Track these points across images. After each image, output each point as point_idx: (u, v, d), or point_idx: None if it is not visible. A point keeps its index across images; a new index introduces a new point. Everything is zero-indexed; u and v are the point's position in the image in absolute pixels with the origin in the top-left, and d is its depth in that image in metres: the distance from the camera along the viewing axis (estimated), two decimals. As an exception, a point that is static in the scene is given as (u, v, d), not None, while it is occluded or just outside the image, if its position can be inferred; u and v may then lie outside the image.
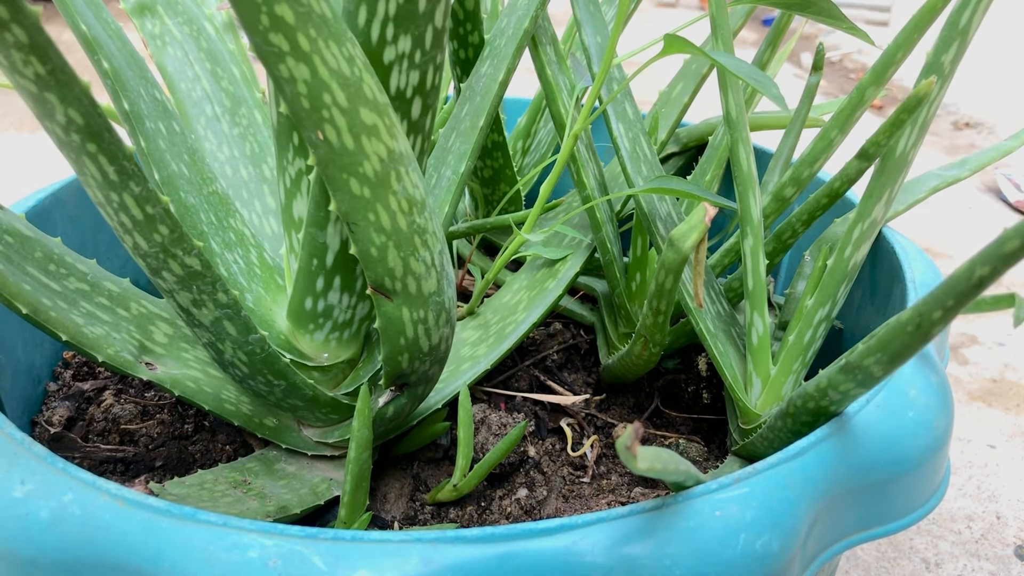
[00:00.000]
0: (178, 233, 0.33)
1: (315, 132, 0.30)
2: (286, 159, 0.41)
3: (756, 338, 0.49)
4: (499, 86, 0.51)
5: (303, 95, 0.29)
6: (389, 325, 0.37)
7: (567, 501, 0.49)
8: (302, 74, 0.28)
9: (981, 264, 0.28)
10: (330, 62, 0.29)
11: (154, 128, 0.45)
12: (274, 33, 0.27)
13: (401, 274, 0.35)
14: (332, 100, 0.29)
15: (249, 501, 0.42)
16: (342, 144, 0.30)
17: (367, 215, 0.32)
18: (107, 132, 0.29)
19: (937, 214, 1.36)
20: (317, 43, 0.28)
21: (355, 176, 0.31)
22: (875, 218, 0.45)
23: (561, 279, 0.56)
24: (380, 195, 0.32)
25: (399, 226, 0.33)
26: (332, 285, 0.41)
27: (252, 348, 0.39)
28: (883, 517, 0.40)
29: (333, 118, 0.30)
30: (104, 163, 0.30)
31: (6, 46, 0.26)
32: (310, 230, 0.39)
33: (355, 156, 0.31)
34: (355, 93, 0.30)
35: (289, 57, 0.28)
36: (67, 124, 0.28)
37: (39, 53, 0.26)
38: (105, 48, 0.43)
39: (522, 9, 0.52)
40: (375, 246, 0.33)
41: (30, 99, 0.28)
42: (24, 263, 0.39)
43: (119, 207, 0.31)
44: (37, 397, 0.56)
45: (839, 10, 0.49)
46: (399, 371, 0.40)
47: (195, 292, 0.35)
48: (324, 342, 0.45)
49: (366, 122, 0.31)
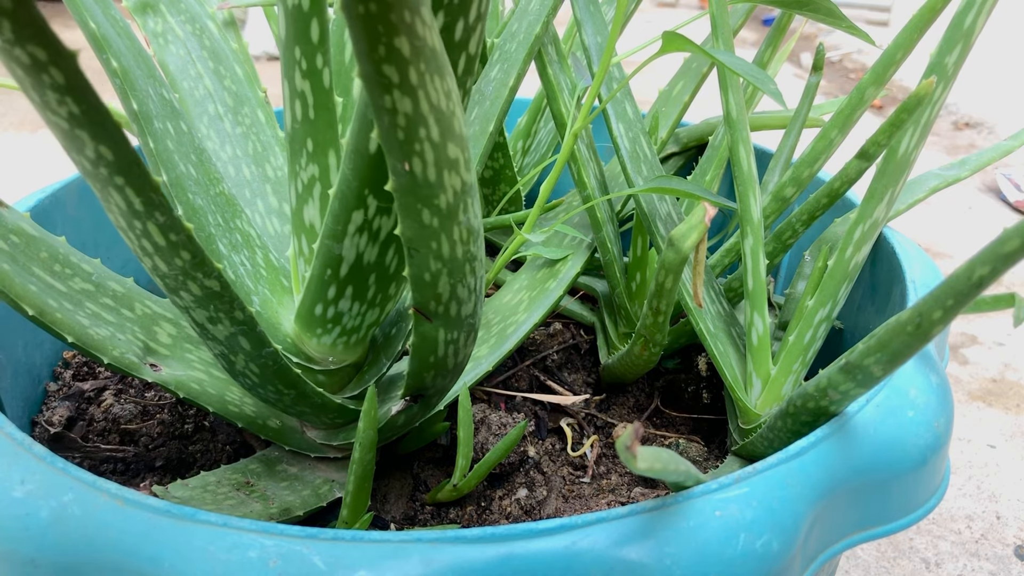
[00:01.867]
0: (200, 258, 0.33)
1: (402, 163, 0.29)
2: (299, 164, 0.41)
3: (756, 338, 0.49)
4: (509, 91, 0.51)
5: (400, 127, 0.28)
6: (423, 344, 0.37)
7: (567, 501, 0.49)
8: (404, 107, 0.28)
9: (981, 264, 0.28)
10: (432, 97, 0.28)
11: (162, 128, 0.45)
12: (388, 65, 0.26)
13: (447, 299, 0.35)
14: (426, 135, 0.29)
15: (252, 503, 0.42)
16: (425, 177, 0.30)
17: (430, 243, 0.32)
18: (136, 166, 0.29)
19: (937, 214, 1.36)
20: (424, 77, 0.28)
21: (429, 207, 0.31)
22: (876, 219, 0.45)
23: (562, 279, 0.56)
24: (447, 226, 0.32)
25: (456, 255, 0.34)
26: (344, 294, 0.42)
27: (265, 361, 0.39)
28: (883, 517, 0.40)
29: (423, 152, 0.29)
30: (131, 195, 0.30)
31: (42, 87, 0.26)
32: (326, 242, 0.39)
33: (434, 189, 0.31)
34: (447, 128, 0.30)
35: (396, 90, 0.27)
36: (96, 159, 0.28)
37: (75, 95, 0.26)
38: (114, 46, 0.43)
39: (533, 14, 0.52)
40: (430, 272, 0.34)
41: (60, 134, 0.28)
42: (30, 263, 0.39)
43: (142, 233, 0.32)
44: (37, 397, 0.56)
45: (839, 10, 0.49)
46: (422, 385, 0.40)
47: (212, 311, 0.35)
48: (331, 346, 0.45)
49: (451, 156, 0.30)
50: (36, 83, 0.26)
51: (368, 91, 0.27)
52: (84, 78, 0.26)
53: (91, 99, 0.26)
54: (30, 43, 0.24)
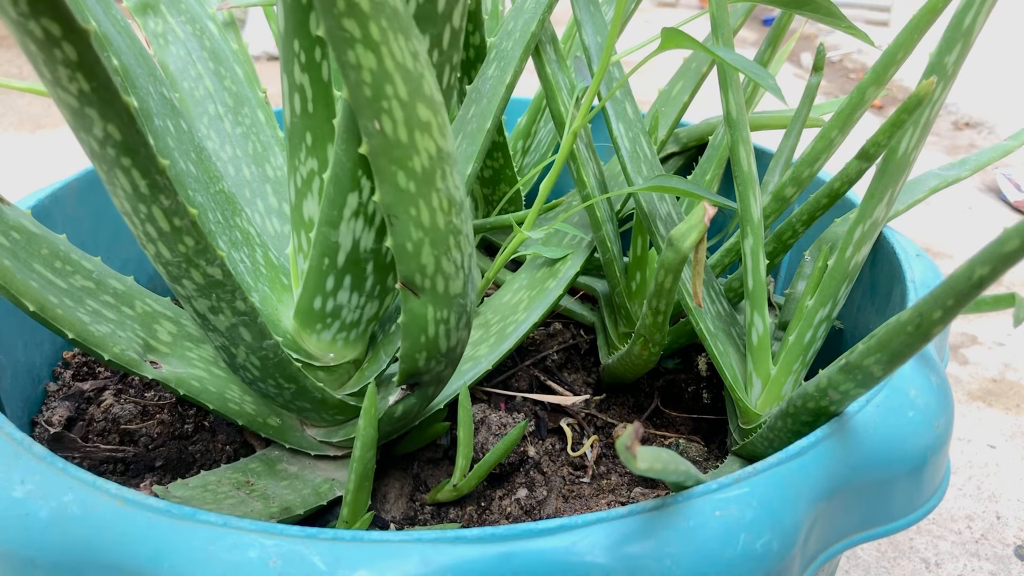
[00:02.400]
0: (203, 244, 0.33)
1: (372, 121, 0.30)
2: (298, 159, 0.41)
3: (756, 338, 0.49)
4: (506, 89, 0.51)
5: (367, 83, 0.29)
6: (412, 321, 0.37)
7: (567, 501, 0.49)
8: (369, 62, 0.29)
9: (981, 264, 0.28)
10: (396, 54, 0.29)
11: (162, 126, 0.45)
12: (348, 19, 0.28)
13: (432, 272, 0.35)
14: (393, 92, 0.30)
15: (253, 503, 0.42)
16: (396, 136, 0.31)
17: (409, 209, 0.33)
18: (143, 148, 0.29)
19: (937, 214, 1.36)
20: (387, 34, 0.29)
21: (404, 169, 0.32)
22: (876, 219, 0.45)
23: (561, 279, 0.56)
24: (424, 191, 0.33)
25: (437, 224, 0.34)
26: (342, 284, 0.42)
27: (265, 353, 0.39)
28: (883, 517, 0.40)
29: (392, 110, 0.30)
30: (137, 177, 0.30)
31: (54, 62, 0.26)
32: (323, 229, 0.39)
33: (407, 150, 0.31)
34: (415, 88, 0.30)
35: (359, 44, 0.28)
36: (104, 138, 0.28)
37: (86, 70, 0.26)
38: (114, 44, 0.44)
39: (529, 12, 0.52)
40: (412, 241, 0.34)
41: (68, 112, 0.28)
42: (31, 260, 0.39)
43: (146, 218, 0.32)
44: (37, 397, 0.56)
45: (839, 10, 0.49)
46: (415, 369, 0.40)
47: (214, 300, 0.35)
48: (331, 342, 0.45)
49: (422, 117, 0.31)
50: (48, 58, 0.26)
51: (333, 48, 0.28)
52: (96, 54, 0.26)
53: (101, 76, 0.27)
54: (44, 17, 0.25)
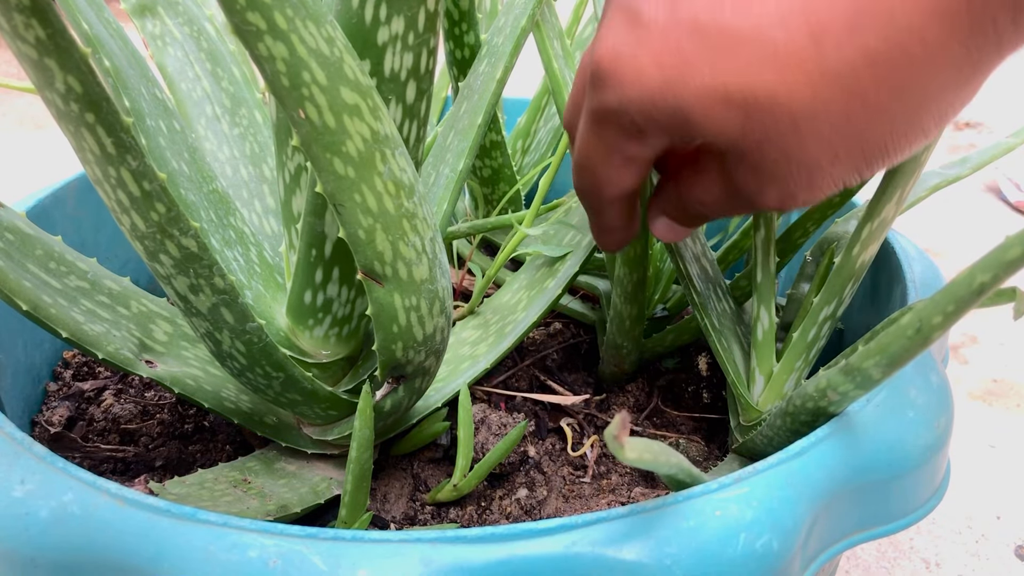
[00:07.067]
0: (175, 212, 0.33)
1: (296, 110, 0.30)
2: (285, 154, 0.41)
3: (761, 333, 0.48)
4: (497, 84, 0.51)
5: (282, 73, 0.30)
6: (381, 312, 0.37)
7: (567, 501, 0.49)
8: (280, 52, 0.29)
9: (982, 271, 0.28)
10: (308, 41, 0.30)
11: (155, 126, 0.45)
12: (251, 12, 0.28)
13: (391, 259, 0.35)
14: (312, 78, 0.30)
15: (249, 500, 0.42)
16: (323, 122, 0.31)
17: (352, 195, 0.33)
18: (105, 102, 0.29)
19: (937, 214, 1.36)
20: (295, 22, 0.29)
21: (338, 155, 0.32)
22: (885, 217, 0.44)
23: (561, 278, 0.56)
24: (365, 176, 0.33)
25: (386, 208, 0.34)
26: (331, 276, 0.42)
27: (250, 337, 0.38)
28: (883, 517, 0.40)
29: (313, 96, 0.30)
30: (102, 135, 0.30)
31: (8, 8, 0.26)
32: (308, 219, 0.39)
33: (337, 135, 0.31)
34: (335, 72, 0.31)
35: (267, 35, 0.29)
36: (66, 92, 0.28)
37: (40, 15, 0.26)
38: (106, 46, 0.44)
39: (519, 7, 0.52)
40: (362, 228, 0.34)
41: (31, 67, 0.28)
42: (25, 260, 0.39)
43: (117, 183, 0.32)
44: (37, 397, 0.56)
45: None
46: (394, 360, 0.40)
47: (192, 276, 0.35)
48: (324, 338, 0.45)
49: (347, 101, 0.31)
50: (3, 5, 0.26)
51: (244, 44, 0.29)
52: None
53: (55, 22, 0.27)
54: None
